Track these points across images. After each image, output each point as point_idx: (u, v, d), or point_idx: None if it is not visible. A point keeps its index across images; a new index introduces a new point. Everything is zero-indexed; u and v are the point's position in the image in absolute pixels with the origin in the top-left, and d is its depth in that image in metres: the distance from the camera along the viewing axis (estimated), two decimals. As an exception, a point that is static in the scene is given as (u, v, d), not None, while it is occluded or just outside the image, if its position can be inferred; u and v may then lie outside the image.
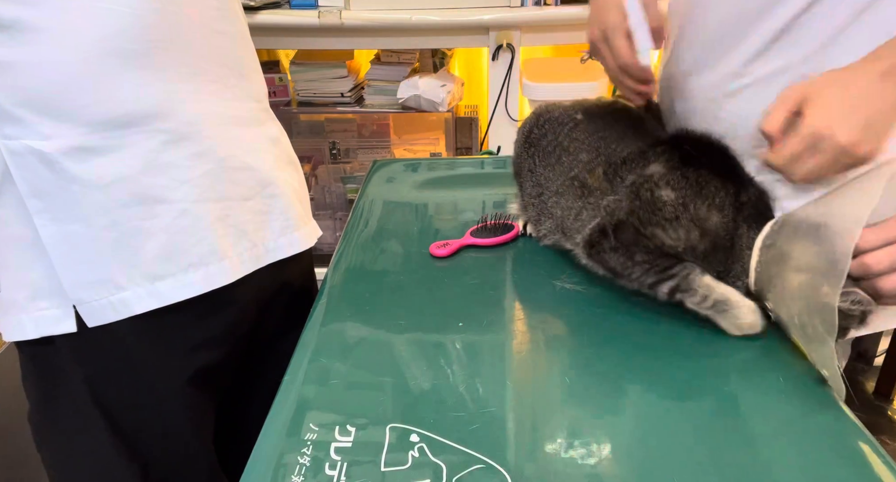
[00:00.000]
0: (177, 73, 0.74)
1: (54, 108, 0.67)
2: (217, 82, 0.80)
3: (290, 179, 0.91)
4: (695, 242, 0.73)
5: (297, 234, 0.90)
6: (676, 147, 0.79)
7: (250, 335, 0.89)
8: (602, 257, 0.81)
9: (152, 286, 0.74)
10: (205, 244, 0.77)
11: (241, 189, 0.81)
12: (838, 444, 0.61)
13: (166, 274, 0.75)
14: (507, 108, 1.93)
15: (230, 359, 0.86)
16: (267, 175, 0.85)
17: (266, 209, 0.85)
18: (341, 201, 2.33)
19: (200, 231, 0.76)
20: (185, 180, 0.75)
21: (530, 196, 0.95)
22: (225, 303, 0.81)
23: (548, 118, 0.94)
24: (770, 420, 0.64)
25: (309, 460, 0.59)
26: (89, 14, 0.67)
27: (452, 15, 1.80)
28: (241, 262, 0.81)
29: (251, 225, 0.83)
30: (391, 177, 1.26)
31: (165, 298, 0.74)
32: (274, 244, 0.86)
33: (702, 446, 0.61)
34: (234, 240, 0.80)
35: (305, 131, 2.30)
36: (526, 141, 0.96)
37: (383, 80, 2.07)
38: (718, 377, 0.70)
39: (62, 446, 0.80)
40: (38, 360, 0.77)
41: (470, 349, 0.75)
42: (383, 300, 0.85)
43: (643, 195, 0.76)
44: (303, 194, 0.96)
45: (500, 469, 0.58)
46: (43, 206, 0.69)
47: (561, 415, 0.65)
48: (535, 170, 0.93)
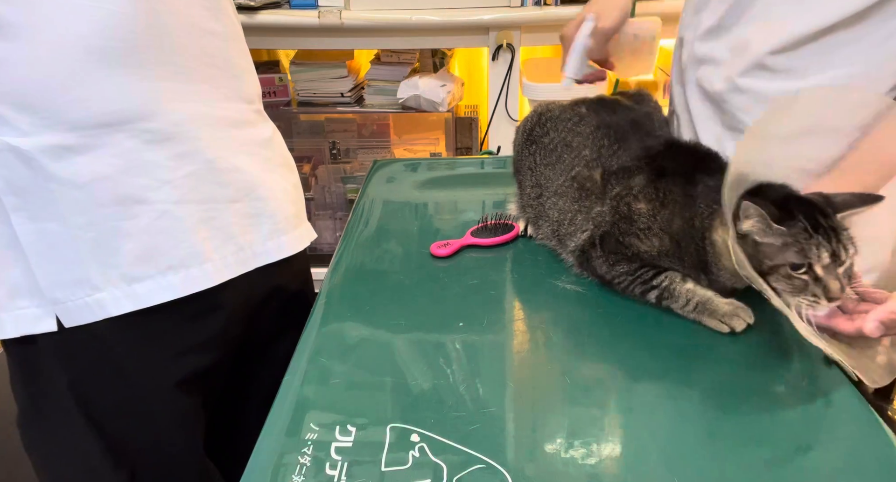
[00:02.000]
0: (163, 72, 0.73)
1: (33, 106, 0.66)
2: (206, 82, 0.78)
3: (283, 181, 0.89)
4: (667, 247, 0.78)
5: (287, 237, 0.88)
6: (659, 158, 0.82)
7: (241, 339, 0.88)
8: (591, 266, 0.85)
9: (129, 288, 0.72)
10: (185, 246, 0.75)
11: (229, 191, 0.79)
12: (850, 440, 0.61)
13: (144, 276, 0.73)
14: (507, 108, 1.93)
15: (220, 364, 0.84)
16: (257, 177, 0.83)
17: (254, 212, 0.83)
18: (341, 201, 2.33)
19: (181, 233, 0.74)
20: (167, 180, 0.73)
21: (529, 197, 0.95)
22: (212, 307, 0.79)
23: (550, 116, 0.95)
24: (771, 419, 0.64)
25: (309, 460, 0.59)
26: (70, 11, 0.65)
27: (452, 15, 1.80)
28: (226, 266, 0.79)
29: (238, 228, 0.81)
30: (391, 177, 1.26)
31: (143, 301, 0.73)
32: (262, 248, 0.84)
33: (702, 445, 0.61)
34: (219, 242, 0.78)
35: (305, 131, 2.30)
36: (527, 139, 0.96)
37: (383, 80, 2.07)
38: (719, 377, 0.70)
39: (49, 451, 0.79)
40: (23, 362, 0.76)
41: (470, 349, 0.75)
42: (383, 300, 0.85)
43: (622, 210, 0.81)
44: (296, 196, 0.93)
45: (501, 469, 0.58)
46: (20, 203, 0.68)
47: (561, 415, 0.65)
48: (535, 168, 0.93)
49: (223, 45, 0.81)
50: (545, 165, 0.92)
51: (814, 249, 0.65)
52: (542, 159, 0.93)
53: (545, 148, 0.93)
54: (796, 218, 0.66)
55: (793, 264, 0.65)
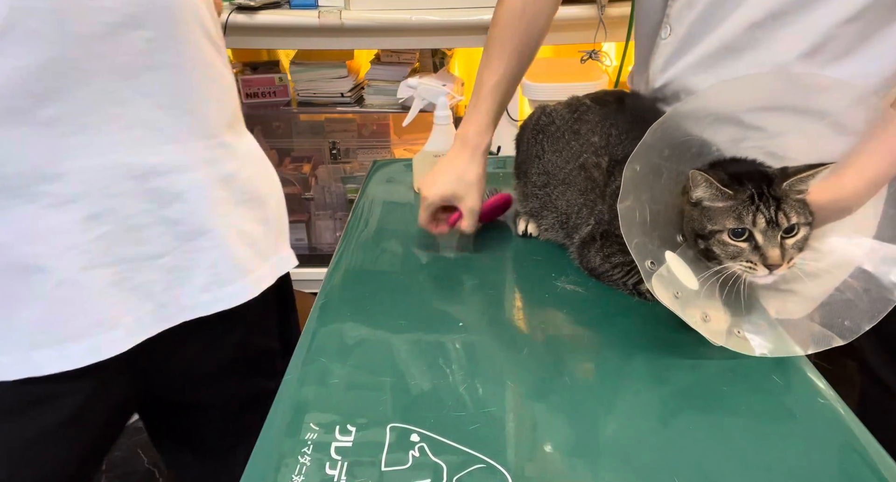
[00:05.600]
0: (74, 126, 0.65)
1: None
2: (140, 128, 0.69)
3: (240, 221, 0.80)
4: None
5: (232, 287, 0.78)
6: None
7: (151, 399, 0.82)
8: (589, 259, 0.86)
9: (26, 354, 0.67)
10: (90, 314, 0.69)
11: (151, 247, 0.72)
12: (838, 442, 0.61)
13: (43, 344, 0.67)
14: (507, 108, 1.93)
15: (108, 398, 0.76)
16: (199, 224, 0.75)
17: (186, 264, 0.75)
18: (341, 201, 2.33)
19: (85, 301, 0.68)
20: (72, 246, 0.67)
21: (535, 185, 0.95)
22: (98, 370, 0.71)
23: (555, 107, 0.97)
24: (770, 419, 0.64)
25: (309, 460, 0.59)
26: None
27: (452, 15, 1.80)
28: (141, 327, 0.72)
29: (161, 284, 0.73)
30: (391, 177, 1.26)
31: (42, 368, 0.67)
32: (191, 301, 0.76)
33: (702, 445, 0.61)
34: (134, 303, 0.72)
35: (305, 131, 2.30)
36: (534, 128, 0.98)
37: (383, 80, 2.07)
38: (719, 377, 0.70)
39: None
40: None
41: (470, 349, 0.75)
42: (383, 300, 0.85)
43: (618, 206, 0.80)
44: (259, 234, 0.83)
45: (501, 469, 0.58)
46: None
47: (561, 415, 0.65)
48: (542, 156, 0.94)
49: (174, 78, 0.71)
50: (553, 152, 0.93)
51: (750, 215, 0.67)
52: (550, 146, 0.94)
53: (552, 136, 0.94)
54: (746, 187, 0.68)
55: (732, 230, 0.68)
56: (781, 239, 0.67)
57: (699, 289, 0.71)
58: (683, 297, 0.70)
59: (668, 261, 0.71)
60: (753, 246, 0.68)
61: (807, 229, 0.69)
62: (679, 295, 0.70)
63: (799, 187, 0.69)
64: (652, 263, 0.70)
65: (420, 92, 1.87)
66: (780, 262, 0.67)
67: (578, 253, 0.89)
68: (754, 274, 0.68)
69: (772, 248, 0.67)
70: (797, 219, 0.67)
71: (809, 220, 0.69)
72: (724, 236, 0.68)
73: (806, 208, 0.69)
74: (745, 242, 0.68)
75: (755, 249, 0.68)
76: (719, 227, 0.68)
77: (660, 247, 0.73)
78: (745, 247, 0.68)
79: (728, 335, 0.71)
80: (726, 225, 0.68)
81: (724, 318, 0.72)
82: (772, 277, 0.68)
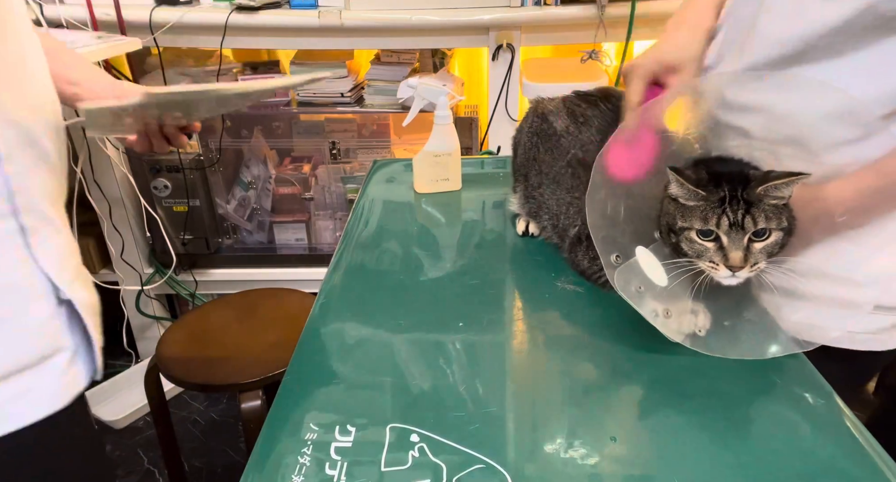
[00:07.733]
0: None
1: None
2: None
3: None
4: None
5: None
6: None
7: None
8: (578, 260, 0.87)
9: None
10: None
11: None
12: (838, 442, 0.61)
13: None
14: (507, 108, 1.93)
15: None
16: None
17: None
18: (341, 201, 2.33)
19: None
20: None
21: (533, 186, 0.96)
22: None
23: (547, 106, 0.98)
24: (769, 419, 0.64)
25: (309, 460, 0.59)
26: None
27: (452, 15, 1.80)
28: None
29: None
30: (391, 177, 1.26)
31: None
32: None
33: (702, 445, 0.61)
34: None
35: (305, 131, 2.30)
36: (530, 129, 0.98)
37: (383, 80, 2.07)
38: (718, 377, 0.70)
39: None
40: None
41: (470, 349, 0.75)
42: (383, 300, 0.85)
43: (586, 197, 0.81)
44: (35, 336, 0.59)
45: (501, 469, 0.58)
46: None
47: (561, 415, 0.65)
48: (538, 156, 0.95)
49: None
50: (545, 150, 0.94)
51: (715, 217, 0.67)
52: (543, 144, 0.95)
53: (545, 134, 0.95)
54: (721, 188, 0.68)
55: (698, 230, 0.68)
56: (749, 242, 0.67)
57: (668, 285, 0.71)
58: (659, 293, 0.71)
59: (637, 256, 0.71)
60: (718, 246, 0.68)
61: (779, 234, 0.68)
62: (641, 289, 0.71)
63: (776, 193, 0.67)
64: (618, 257, 0.71)
65: (420, 92, 1.87)
66: (742, 265, 0.67)
67: (568, 254, 0.89)
68: (717, 274, 0.68)
69: (734, 251, 0.67)
70: (766, 224, 0.67)
71: (784, 226, 0.68)
72: (693, 234, 0.69)
73: (783, 214, 0.68)
74: (711, 242, 0.68)
75: (719, 250, 0.68)
76: (688, 225, 0.69)
77: (632, 241, 0.73)
78: (711, 247, 0.68)
79: (694, 337, 0.70)
80: (694, 224, 0.68)
81: (704, 318, 0.71)
82: (735, 279, 0.68)
